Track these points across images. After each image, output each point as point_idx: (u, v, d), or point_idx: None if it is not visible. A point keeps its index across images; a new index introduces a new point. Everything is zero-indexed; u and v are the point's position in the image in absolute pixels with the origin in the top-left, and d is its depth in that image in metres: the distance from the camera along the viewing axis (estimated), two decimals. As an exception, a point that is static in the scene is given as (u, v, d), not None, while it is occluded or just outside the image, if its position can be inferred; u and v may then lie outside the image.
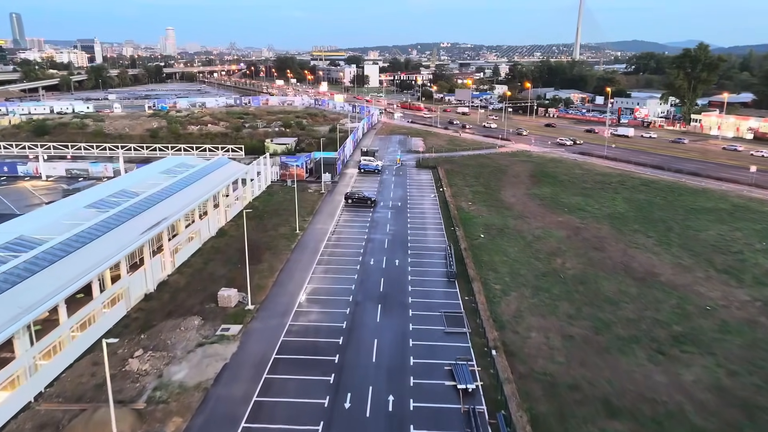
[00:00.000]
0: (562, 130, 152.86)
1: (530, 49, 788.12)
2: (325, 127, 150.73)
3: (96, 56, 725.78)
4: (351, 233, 60.35)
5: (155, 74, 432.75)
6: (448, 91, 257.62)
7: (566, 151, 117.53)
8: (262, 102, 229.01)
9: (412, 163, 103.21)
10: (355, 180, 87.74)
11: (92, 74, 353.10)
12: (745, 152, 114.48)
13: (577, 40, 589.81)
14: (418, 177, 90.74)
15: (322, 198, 75.68)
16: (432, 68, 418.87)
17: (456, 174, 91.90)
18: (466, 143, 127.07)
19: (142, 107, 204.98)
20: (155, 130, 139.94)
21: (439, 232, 60.84)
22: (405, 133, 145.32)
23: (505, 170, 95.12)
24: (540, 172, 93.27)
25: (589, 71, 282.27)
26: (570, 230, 61.67)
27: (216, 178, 62.64)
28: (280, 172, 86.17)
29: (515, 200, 75.14)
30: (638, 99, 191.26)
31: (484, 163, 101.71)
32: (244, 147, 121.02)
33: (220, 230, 60.05)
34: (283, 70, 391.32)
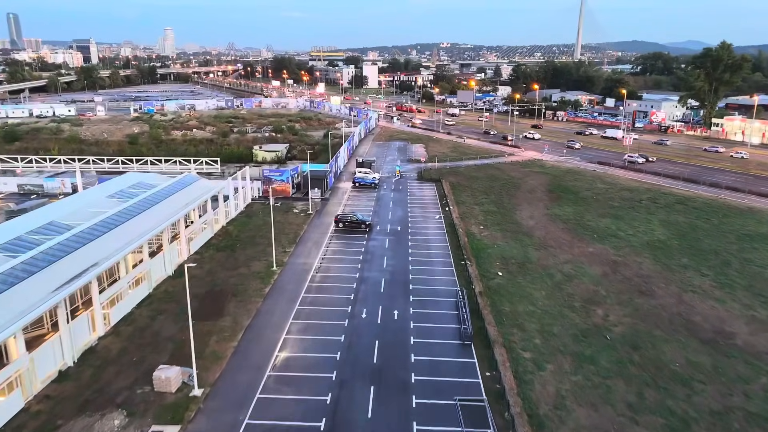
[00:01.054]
0: (574, 135, 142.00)
1: (530, 50, 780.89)
2: (320, 132, 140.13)
3: (91, 57, 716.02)
4: (340, 270, 49.53)
5: (148, 75, 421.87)
6: (449, 92, 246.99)
7: (582, 159, 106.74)
8: (255, 104, 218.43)
9: (413, 174, 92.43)
10: (349, 197, 76.93)
11: (82, 75, 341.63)
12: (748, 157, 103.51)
13: (578, 41, 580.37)
14: (420, 192, 79.96)
15: (309, 220, 64.84)
16: (432, 69, 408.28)
17: (463, 188, 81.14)
18: (472, 150, 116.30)
19: (128, 110, 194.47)
20: (135, 136, 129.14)
21: (447, 268, 50.06)
22: (405, 138, 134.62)
23: (518, 184, 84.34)
24: (558, 187, 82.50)
25: (596, 72, 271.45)
26: (605, 265, 50.90)
27: (178, 201, 51.89)
28: (262, 187, 75.39)
29: (534, 223, 64.34)
30: (651, 101, 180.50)
31: (494, 175, 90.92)
32: (230, 154, 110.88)
33: (180, 267, 49.23)
34: (280, 71, 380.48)
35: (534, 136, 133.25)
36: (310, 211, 68.02)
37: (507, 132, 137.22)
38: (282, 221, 63.45)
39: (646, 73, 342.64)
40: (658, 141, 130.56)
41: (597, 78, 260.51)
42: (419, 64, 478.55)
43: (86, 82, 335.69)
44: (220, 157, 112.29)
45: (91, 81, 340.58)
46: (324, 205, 71.89)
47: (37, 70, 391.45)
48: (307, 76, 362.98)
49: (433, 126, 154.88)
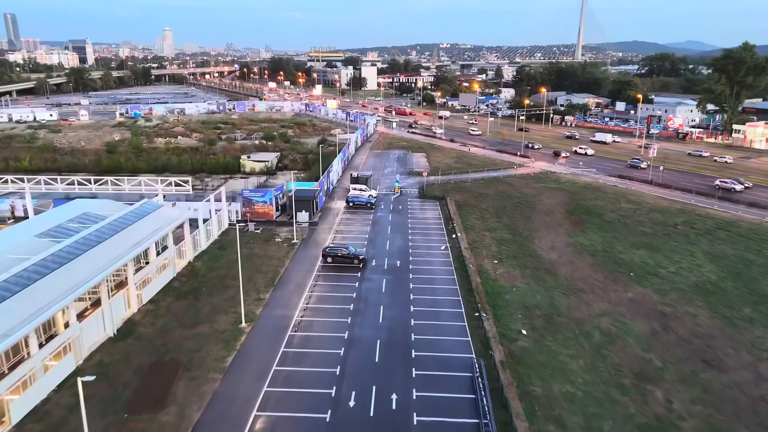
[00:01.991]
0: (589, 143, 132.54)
1: (531, 50, 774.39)
2: (314, 139, 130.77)
3: (88, 57, 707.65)
4: (325, 327, 39.97)
5: (142, 76, 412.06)
6: (451, 95, 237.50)
7: (598, 172, 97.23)
8: (248, 108, 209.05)
9: (414, 191, 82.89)
10: (341, 220, 67.33)
11: (72, 77, 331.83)
12: None
13: (579, 41, 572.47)
14: (422, 214, 70.37)
15: (293, 253, 55.28)
16: (433, 70, 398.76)
17: (471, 209, 71.60)
18: (477, 161, 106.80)
19: (114, 114, 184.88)
20: (113, 144, 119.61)
21: (457, 323, 40.51)
22: (405, 146, 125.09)
23: (532, 203, 74.79)
24: (578, 206, 72.95)
25: (602, 74, 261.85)
26: (653, 319, 41.36)
27: (130, 237, 42.36)
28: (242, 210, 65.83)
29: (557, 256, 54.81)
30: (665, 105, 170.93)
31: (505, 191, 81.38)
32: (215, 164, 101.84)
33: (126, 324, 39.69)
34: (277, 72, 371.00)
35: (534, 145, 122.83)
36: (295, 240, 58.43)
37: (506, 134, 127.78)
38: (260, 255, 53.91)
39: (653, 75, 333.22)
40: (694, 152, 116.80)
41: (603, 80, 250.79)
42: (419, 65, 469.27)
43: (76, 84, 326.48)
44: (205, 167, 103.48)
45: (82, 83, 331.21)
46: (312, 231, 62.29)
47: (28, 71, 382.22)
48: (305, 77, 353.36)
49: (440, 133, 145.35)
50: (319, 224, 65.10)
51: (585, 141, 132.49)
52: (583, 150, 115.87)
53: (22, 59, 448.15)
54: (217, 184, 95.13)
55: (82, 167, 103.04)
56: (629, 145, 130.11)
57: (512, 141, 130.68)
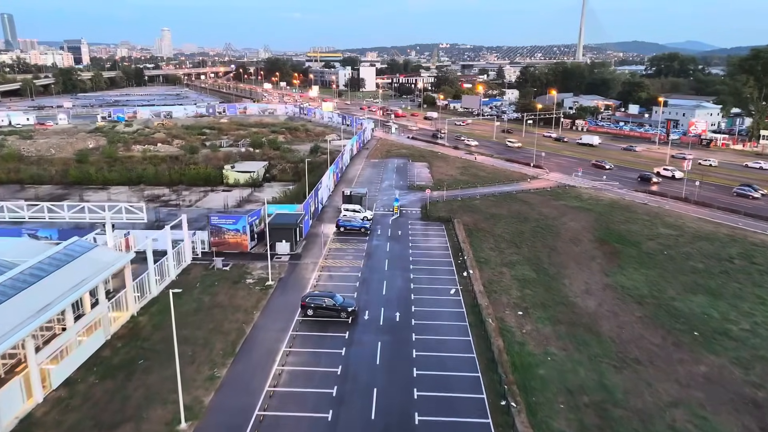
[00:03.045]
0: (604, 151, 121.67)
1: (531, 50, 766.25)
2: (307, 146, 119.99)
3: (83, 58, 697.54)
4: (297, 427, 29.01)
5: (135, 77, 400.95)
6: (453, 96, 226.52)
7: (622, 186, 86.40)
8: (239, 111, 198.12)
9: (415, 210, 71.96)
10: (330, 250, 56.36)
11: (60, 78, 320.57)
12: None
13: (581, 41, 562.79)
14: (426, 242, 59.40)
15: (266, 300, 44.26)
16: (433, 70, 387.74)
17: (483, 235, 60.69)
18: (486, 173, 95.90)
19: (96, 117, 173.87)
20: (85, 153, 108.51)
21: (478, 419, 29.57)
22: (405, 154, 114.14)
23: (554, 227, 63.84)
24: (608, 233, 62.01)
25: (611, 75, 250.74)
26: (743, 411, 30.40)
27: (35, 299, 31.44)
28: (210, 240, 54.91)
29: (595, 304, 43.87)
30: (682, 108, 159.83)
31: (520, 211, 70.39)
32: (195, 175, 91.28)
33: (22, 425, 28.69)
34: (274, 73, 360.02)
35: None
36: (271, 282, 47.38)
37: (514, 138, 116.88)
38: (224, 304, 42.95)
39: (661, 75, 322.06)
40: (752, 164, 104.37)
41: (612, 81, 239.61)
42: (419, 65, 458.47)
43: (65, 85, 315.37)
44: (184, 178, 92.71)
45: (71, 84, 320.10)
46: (293, 268, 51.28)
47: (17, 72, 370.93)
48: (302, 78, 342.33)
49: (443, 138, 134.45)
50: (303, 257, 54.14)
51: (607, 153, 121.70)
52: (600, 163, 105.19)
53: (11, 60, 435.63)
54: (195, 198, 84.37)
55: (48, 179, 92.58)
56: (651, 153, 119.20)
57: (523, 149, 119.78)
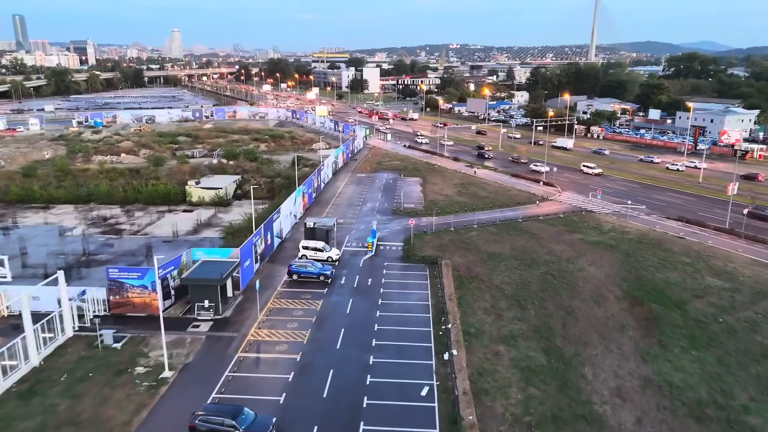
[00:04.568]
0: (625, 163, 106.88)
1: (542, 51, 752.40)
2: (290, 156, 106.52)
3: (89, 58, 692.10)
4: None
5: (133, 78, 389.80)
6: (458, 99, 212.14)
7: (652, 212, 71.90)
8: (228, 114, 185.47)
9: (396, 246, 57.91)
10: (270, 310, 42.50)
11: (52, 79, 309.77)
12: None
13: (593, 41, 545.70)
14: (401, 297, 45.34)
15: (148, 411, 30.26)
16: (441, 71, 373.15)
17: (477, 287, 46.60)
18: (487, 192, 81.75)
19: (71, 122, 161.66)
20: (34, 165, 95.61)
21: None
22: (398, 167, 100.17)
23: (569, 274, 49.56)
24: (640, 284, 47.62)
25: (628, 76, 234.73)
26: None
27: None
28: (108, 299, 41.24)
29: (633, 417, 29.64)
30: (708, 113, 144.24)
31: (527, 249, 56.07)
32: (153, 193, 78.33)
33: None
34: (276, 74, 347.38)
35: (540, 168, 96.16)
36: (168, 373, 33.34)
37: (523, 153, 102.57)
38: (83, 418, 29.14)
39: (680, 77, 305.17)
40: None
41: (629, 83, 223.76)
42: (426, 66, 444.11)
43: (57, 86, 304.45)
44: (140, 196, 79.56)
45: (65, 86, 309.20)
46: (211, 345, 37.38)
47: (12, 73, 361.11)
48: (303, 79, 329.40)
49: (435, 147, 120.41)
50: (230, 324, 40.26)
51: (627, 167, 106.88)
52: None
53: (8, 61, 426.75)
54: (147, 221, 71.13)
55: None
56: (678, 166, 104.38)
57: (530, 159, 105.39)
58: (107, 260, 54.15)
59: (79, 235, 63.13)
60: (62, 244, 59.35)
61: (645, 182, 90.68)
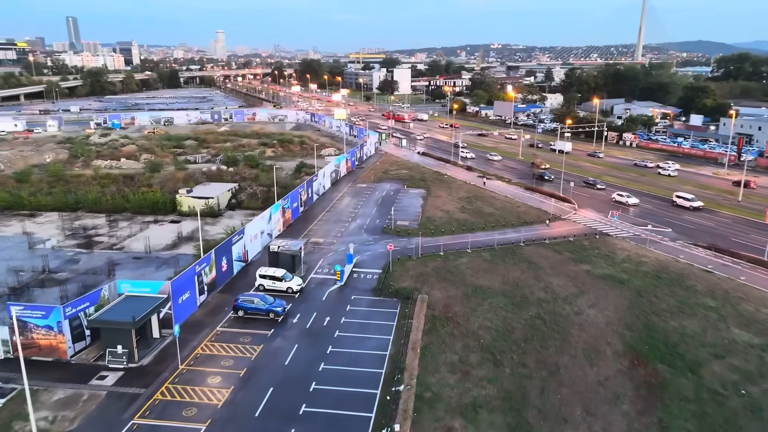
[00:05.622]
0: (652, 176, 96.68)
1: (586, 51, 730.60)
2: (295, 163, 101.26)
3: (133, 59, 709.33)
4: None
5: (168, 79, 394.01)
6: (487, 102, 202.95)
7: (676, 239, 62.71)
8: (248, 117, 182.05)
9: (373, 273, 50.97)
10: (196, 358, 36.37)
11: (87, 79, 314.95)
12: None
13: (640, 41, 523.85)
14: (355, 345, 38.40)
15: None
16: (477, 72, 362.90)
17: (450, 332, 39.35)
18: (494, 207, 73.87)
19: (89, 123, 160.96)
20: (26, 170, 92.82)
21: None
22: (404, 177, 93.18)
23: (562, 318, 41.65)
24: (647, 335, 39.35)
25: (670, 78, 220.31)
26: None
27: None
28: (10, 340, 35.86)
29: None
30: (757, 120, 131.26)
31: (519, 282, 48.28)
32: (142, 201, 73.96)
33: None
34: (310, 74, 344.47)
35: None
36: (42, 444, 27.81)
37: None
38: None
39: (729, 78, 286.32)
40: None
41: (671, 85, 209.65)
42: (461, 67, 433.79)
43: (92, 87, 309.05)
44: (129, 205, 75.40)
45: (99, 86, 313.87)
46: (112, 402, 31.49)
47: (53, 73, 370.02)
48: (334, 80, 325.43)
49: (450, 154, 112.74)
50: (145, 373, 34.25)
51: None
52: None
53: (52, 62, 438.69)
54: (129, 232, 66.63)
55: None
56: (717, 180, 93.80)
57: (551, 170, 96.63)
58: (66, 279, 49.81)
59: (49, 249, 59.03)
60: (26, 259, 54.94)
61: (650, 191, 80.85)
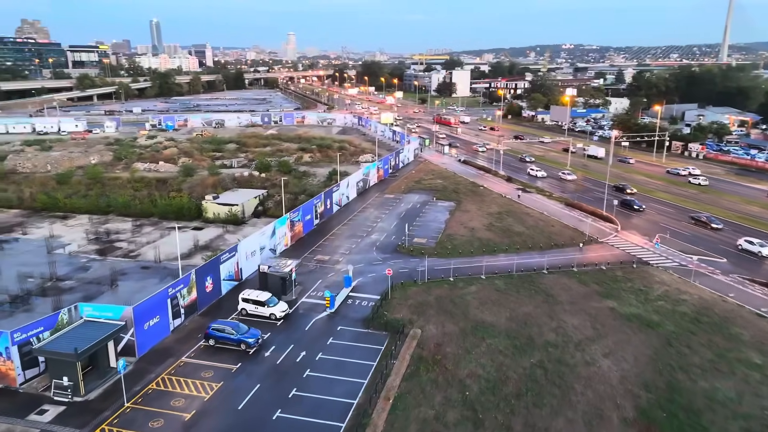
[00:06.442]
0: (719, 193, 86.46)
1: (665, 51, 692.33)
2: (329, 169, 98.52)
3: (207, 61, 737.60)
4: None
5: (234, 81, 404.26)
6: (544, 106, 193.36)
7: (730, 272, 54.45)
8: (297, 120, 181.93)
9: (369, 300, 46.68)
10: (148, 395, 33.31)
11: (156, 81, 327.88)
12: None
13: (725, 40, 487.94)
14: (322, 389, 34.21)
15: None
16: (542, 73, 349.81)
17: (433, 377, 34.54)
18: (525, 226, 67.52)
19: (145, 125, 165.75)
20: (67, 172, 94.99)
21: None
22: (436, 188, 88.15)
23: (568, 368, 35.75)
24: (669, 398, 32.84)
25: (752, 81, 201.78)
26: None
27: None
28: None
29: None
30: None
31: (529, 319, 42.39)
32: (166, 207, 73.84)
33: None
34: (369, 76, 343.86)
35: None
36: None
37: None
38: None
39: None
40: None
41: (753, 89, 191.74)
42: (526, 69, 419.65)
43: (161, 88, 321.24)
44: (155, 210, 75.26)
45: (167, 87, 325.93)
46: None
47: (128, 75, 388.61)
48: (363, 85, 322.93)
49: (492, 162, 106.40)
50: (88, 410, 31.66)
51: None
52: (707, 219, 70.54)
53: (129, 64, 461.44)
54: (150, 239, 65.93)
55: (17, 203, 79.99)
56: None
57: (599, 182, 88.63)
58: (70, 288, 49.04)
59: (66, 254, 58.93)
60: (41, 265, 54.55)
61: (742, 222, 71.40)
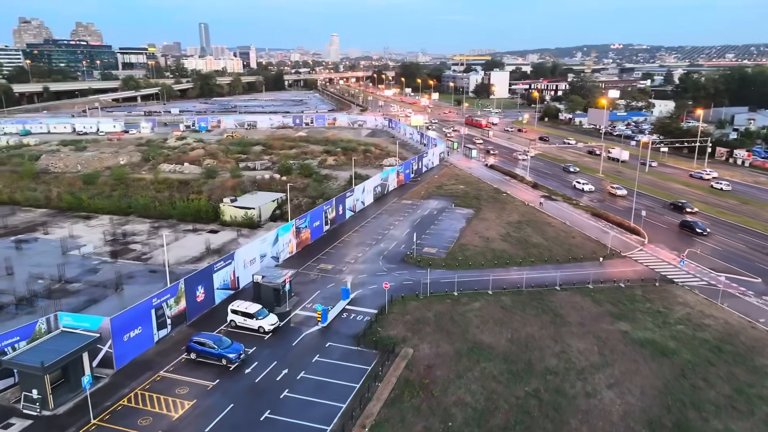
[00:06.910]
0: (761, 204, 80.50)
1: (720, 51, 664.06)
2: (350, 172, 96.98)
3: (251, 62, 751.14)
4: None
5: (274, 82, 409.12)
6: (583, 109, 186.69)
7: (763, 294, 49.89)
8: (328, 122, 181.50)
9: (365, 316, 44.59)
10: (116, 411, 32.20)
11: (197, 82, 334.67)
12: None
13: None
14: (297, 413, 32.28)
15: None
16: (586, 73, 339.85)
17: (417, 403, 32.23)
18: (544, 237, 64.02)
19: (178, 126, 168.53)
20: (94, 173, 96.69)
21: None
22: (457, 194, 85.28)
23: (567, 402, 32.71)
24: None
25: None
26: None
27: None
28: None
29: None
30: None
31: (531, 341, 39.38)
32: (184, 210, 74.01)
33: None
34: (408, 77, 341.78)
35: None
36: None
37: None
38: None
39: None
40: None
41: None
42: (569, 69, 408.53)
43: (202, 90, 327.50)
44: (174, 212, 75.54)
45: (208, 88, 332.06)
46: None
47: (173, 75, 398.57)
48: (396, 86, 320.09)
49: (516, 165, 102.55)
50: (54, 425, 30.77)
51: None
52: None
53: (173, 65, 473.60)
54: (165, 242, 65.77)
55: (45, 202, 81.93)
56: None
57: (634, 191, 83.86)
58: (76, 290, 49.10)
59: (80, 256, 59.37)
60: (53, 266, 54.84)
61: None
